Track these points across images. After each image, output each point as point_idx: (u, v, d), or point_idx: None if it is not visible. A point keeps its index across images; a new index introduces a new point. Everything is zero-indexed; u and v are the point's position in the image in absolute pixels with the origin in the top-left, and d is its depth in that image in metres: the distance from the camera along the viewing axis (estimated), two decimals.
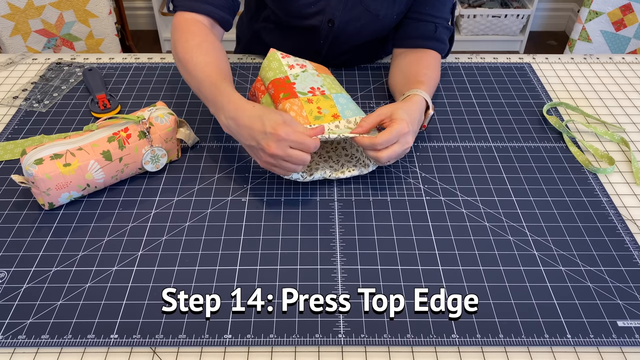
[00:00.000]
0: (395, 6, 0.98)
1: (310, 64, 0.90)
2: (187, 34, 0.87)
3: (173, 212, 0.79)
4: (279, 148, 0.71)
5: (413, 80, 0.90)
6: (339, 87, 0.89)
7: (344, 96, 0.86)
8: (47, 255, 0.72)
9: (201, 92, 0.82)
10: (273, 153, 0.72)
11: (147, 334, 0.64)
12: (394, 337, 0.64)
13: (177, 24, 0.89)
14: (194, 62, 0.83)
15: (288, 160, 0.72)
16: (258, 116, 0.73)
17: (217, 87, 0.79)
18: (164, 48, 2.69)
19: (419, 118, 0.83)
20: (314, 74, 0.88)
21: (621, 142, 0.93)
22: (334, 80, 0.90)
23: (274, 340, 0.63)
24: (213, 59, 0.83)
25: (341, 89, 0.88)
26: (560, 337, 0.64)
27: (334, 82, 0.89)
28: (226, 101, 0.77)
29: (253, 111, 0.74)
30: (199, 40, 0.86)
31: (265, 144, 0.72)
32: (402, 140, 0.77)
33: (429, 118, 0.87)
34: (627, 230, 0.77)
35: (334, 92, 0.85)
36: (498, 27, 2.64)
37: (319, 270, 0.71)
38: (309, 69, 0.89)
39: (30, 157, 0.73)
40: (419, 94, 0.85)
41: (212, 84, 0.80)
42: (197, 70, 0.82)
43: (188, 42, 0.85)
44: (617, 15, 1.60)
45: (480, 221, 0.78)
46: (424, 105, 0.85)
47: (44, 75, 1.08)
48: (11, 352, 0.63)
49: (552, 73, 1.11)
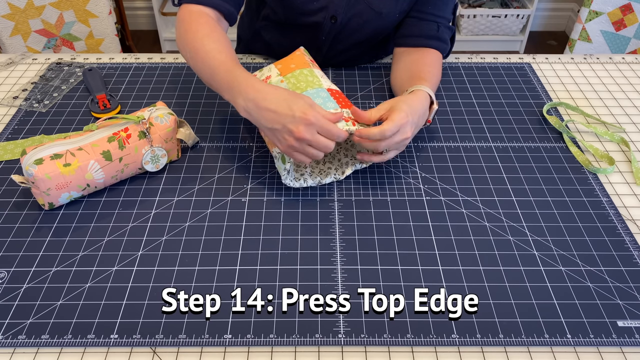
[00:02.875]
0: (398, 4, 0.98)
1: (274, 69, 0.86)
2: (195, 24, 0.87)
3: (173, 212, 0.79)
4: (308, 132, 0.71)
5: (416, 77, 0.90)
6: (308, 81, 0.83)
7: (311, 92, 0.81)
8: (47, 255, 0.72)
9: (215, 79, 0.81)
10: (302, 137, 0.71)
11: (147, 334, 0.64)
12: (394, 337, 0.64)
13: (184, 16, 0.89)
14: (205, 50, 0.83)
15: (313, 146, 0.72)
16: (284, 99, 0.73)
17: (232, 72, 0.79)
18: (164, 48, 2.69)
19: (421, 111, 0.82)
20: (278, 82, 0.84)
21: (621, 142, 0.93)
22: (302, 74, 0.84)
23: (274, 340, 0.63)
24: (224, 47, 0.83)
25: (312, 83, 0.83)
26: (560, 337, 0.64)
27: (301, 79, 0.83)
28: (244, 84, 0.76)
29: (277, 94, 0.74)
30: (208, 30, 0.86)
31: (295, 127, 0.71)
32: (401, 129, 0.77)
33: (433, 113, 0.87)
34: (627, 230, 0.77)
35: (300, 91, 0.81)
36: (498, 27, 2.64)
37: (319, 270, 0.71)
38: (273, 76, 0.85)
39: (30, 157, 0.73)
40: (422, 89, 0.85)
41: (227, 70, 0.79)
42: (209, 57, 0.82)
43: (198, 32, 0.85)
44: (617, 15, 1.60)
45: (480, 221, 0.78)
46: (427, 100, 0.85)
47: (44, 75, 1.08)
48: (11, 352, 0.63)
49: (552, 73, 1.11)
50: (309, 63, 0.87)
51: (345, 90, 1.05)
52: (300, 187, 0.83)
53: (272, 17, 1.07)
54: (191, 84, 1.05)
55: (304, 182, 0.82)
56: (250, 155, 0.89)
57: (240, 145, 0.91)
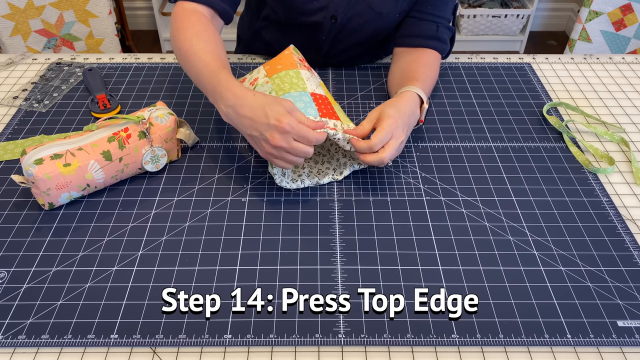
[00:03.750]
0: (398, 4, 0.98)
1: (262, 71, 0.86)
2: (186, 23, 0.87)
3: (173, 212, 0.79)
4: (283, 140, 0.71)
5: (408, 78, 0.91)
6: (293, 84, 0.82)
7: (294, 95, 0.80)
8: (47, 255, 0.72)
9: (200, 81, 0.81)
10: (277, 145, 0.71)
11: (147, 334, 0.64)
12: (394, 337, 0.64)
13: (177, 14, 0.89)
14: (193, 50, 0.82)
15: (291, 152, 0.72)
16: (260, 106, 0.72)
17: (216, 75, 0.78)
18: (164, 48, 2.69)
19: (409, 112, 0.83)
20: (265, 82, 0.84)
21: (621, 142, 0.93)
22: (288, 76, 0.83)
23: (274, 340, 0.63)
24: (212, 47, 0.83)
25: (295, 85, 0.81)
26: (560, 337, 0.64)
27: (285, 81, 0.82)
28: (224, 89, 0.76)
29: (254, 100, 0.73)
30: (198, 29, 0.85)
31: (270, 135, 0.71)
32: (395, 134, 0.77)
33: (424, 112, 0.88)
34: (627, 230, 0.77)
35: (282, 94, 0.81)
36: (498, 27, 2.64)
37: (319, 270, 0.71)
38: (260, 78, 0.85)
39: (30, 157, 0.73)
40: (410, 90, 0.86)
41: (211, 72, 0.79)
42: (196, 58, 0.81)
43: (188, 31, 0.85)
44: (617, 15, 1.60)
45: (480, 221, 0.78)
46: (417, 100, 0.86)
47: (44, 75, 1.08)
48: (11, 352, 0.63)
49: (552, 73, 1.11)
50: (296, 63, 0.86)
51: (345, 90, 1.05)
52: (298, 188, 0.83)
53: (272, 17, 1.07)
54: (191, 84, 1.05)
55: (301, 182, 0.82)
56: (250, 155, 0.89)
57: (240, 145, 0.91)
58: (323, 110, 0.80)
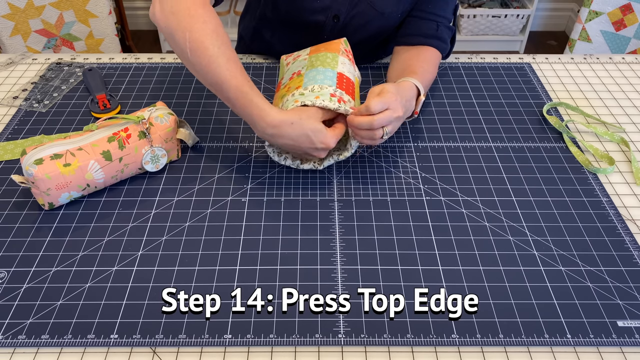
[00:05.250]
0: (400, 4, 0.98)
1: (307, 50, 0.91)
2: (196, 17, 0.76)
3: (173, 212, 0.79)
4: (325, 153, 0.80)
5: (407, 71, 0.92)
6: (325, 62, 0.85)
7: (320, 70, 0.83)
8: (47, 255, 0.72)
9: (222, 91, 0.77)
10: (320, 157, 0.81)
11: (147, 334, 0.64)
12: (394, 337, 0.64)
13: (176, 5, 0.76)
14: (209, 54, 0.75)
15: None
16: (304, 134, 0.76)
17: (245, 94, 0.76)
18: (164, 48, 2.69)
19: (407, 97, 0.84)
20: (304, 59, 0.88)
21: (621, 142, 0.93)
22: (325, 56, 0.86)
23: (274, 340, 0.63)
24: (232, 52, 0.77)
25: (327, 64, 0.84)
26: (560, 337, 0.64)
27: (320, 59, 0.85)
28: (257, 114, 0.76)
29: (295, 129, 0.76)
30: (213, 24, 0.76)
31: (317, 154, 0.80)
32: (392, 106, 0.78)
33: (420, 104, 0.88)
34: (627, 230, 0.77)
35: (311, 68, 0.84)
36: (498, 27, 2.64)
37: (319, 270, 0.71)
38: (302, 55, 0.89)
39: (30, 157, 0.73)
40: (408, 80, 0.87)
41: (237, 87, 0.76)
42: (216, 65, 0.75)
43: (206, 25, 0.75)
44: (617, 15, 1.60)
45: (480, 221, 0.78)
46: (414, 90, 0.86)
47: (44, 75, 1.08)
48: (11, 352, 0.63)
49: (552, 73, 1.11)
50: (340, 50, 0.89)
51: None
52: (279, 163, 0.85)
53: (273, 16, 1.07)
54: (191, 84, 1.05)
55: (284, 160, 0.84)
56: (250, 155, 0.89)
57: (240, 145, 0.91)
58: (343, 87, 0.82)
